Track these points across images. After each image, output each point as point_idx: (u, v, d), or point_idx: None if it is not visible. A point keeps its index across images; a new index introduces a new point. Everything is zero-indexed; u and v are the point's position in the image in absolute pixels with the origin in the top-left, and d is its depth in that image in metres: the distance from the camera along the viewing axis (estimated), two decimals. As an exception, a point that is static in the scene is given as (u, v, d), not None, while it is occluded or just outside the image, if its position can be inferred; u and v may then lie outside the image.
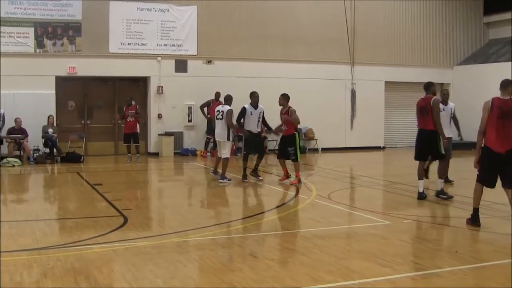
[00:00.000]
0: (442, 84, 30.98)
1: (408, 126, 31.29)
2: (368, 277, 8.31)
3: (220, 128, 18.24)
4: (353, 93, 30.10)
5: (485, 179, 11.12)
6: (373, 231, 11.39)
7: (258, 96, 18.37)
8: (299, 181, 17.63)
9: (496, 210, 12.89)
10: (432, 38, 31.90)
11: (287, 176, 18.01)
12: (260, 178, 18.54)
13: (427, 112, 14.38)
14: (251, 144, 18.47)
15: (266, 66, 28.14)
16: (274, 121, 18.98)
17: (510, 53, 30.05)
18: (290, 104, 17.72)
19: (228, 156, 18.30)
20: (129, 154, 23.84)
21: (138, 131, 24.31)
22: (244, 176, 18.29)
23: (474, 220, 11.35)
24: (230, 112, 18.06)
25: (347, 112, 30.09)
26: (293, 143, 17.58)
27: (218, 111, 18.39)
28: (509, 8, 30.68)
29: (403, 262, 9.10)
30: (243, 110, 18.22)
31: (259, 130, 18.61)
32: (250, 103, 18.33)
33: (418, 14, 31.68)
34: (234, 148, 26.81)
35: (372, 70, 30.30)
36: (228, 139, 18.21)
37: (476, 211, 11.31)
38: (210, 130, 25.90)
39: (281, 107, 17.91)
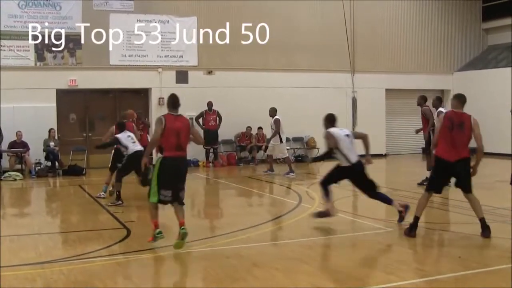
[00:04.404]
0: (442, 90, 31.01)
1: (410, 133, 31.35)
2: (372, 285, 8.32)
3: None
4: (354, 101, 30.09)
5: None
6: (376, 238, 11.38)
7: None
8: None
9: (497, 215, 12.90)
10: (431, 45, 31.91)
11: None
12: None
13: None
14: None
15: (267, 76, 28.13)
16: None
17: (508, 59, 30.15)
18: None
19: (287, 154, 23.27)
20: None
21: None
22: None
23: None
24: (278, 121, 22.45)
25: (349, 120, 29.98)
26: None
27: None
28: (508, 14, 30.75)
29: (407, 268, 9.10)
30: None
31: None
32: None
33: (417, 21, 31.70)
34: (236, 157, 26.90)
35: (373, 78, 30.27)
36: (281, 141, 22.55)
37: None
38: (207, 141, 25.90)
39: None
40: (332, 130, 12.87)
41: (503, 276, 8.64)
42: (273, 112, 23.02)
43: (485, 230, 11.08)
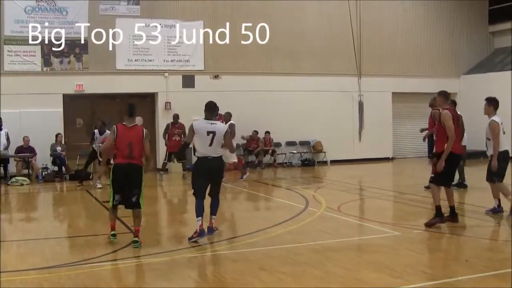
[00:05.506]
0: (449, 94, 30.95)
1: (417, 137, 31.33)
2: (379, 288, 8.31)
3: None
4: (360, 105, 30.06)
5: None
6: (383, 242, 11.36)
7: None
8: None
9: (504, 218, 12.89)
10: (438, 48, 31.90)
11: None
12: None
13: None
14: None
15: (273, 80, 28.13)
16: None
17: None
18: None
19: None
20: (161, 172, 23.62)
21: None
22: None
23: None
24: (233, 125, 21.15)
25: (355, 124, 30.03)
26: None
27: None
28: (514, 17, 30.76)
29: (414, 272, 9.08)
30: None
31: None
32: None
33: (423, 24, 31.68)
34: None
35: (379, 82, 30.25)
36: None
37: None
38: None
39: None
40: (196, 123, 12.05)
41: (510, 279, 8.62)
42: (228, 117, 22.00)
43: (455, 218, 12.52)
